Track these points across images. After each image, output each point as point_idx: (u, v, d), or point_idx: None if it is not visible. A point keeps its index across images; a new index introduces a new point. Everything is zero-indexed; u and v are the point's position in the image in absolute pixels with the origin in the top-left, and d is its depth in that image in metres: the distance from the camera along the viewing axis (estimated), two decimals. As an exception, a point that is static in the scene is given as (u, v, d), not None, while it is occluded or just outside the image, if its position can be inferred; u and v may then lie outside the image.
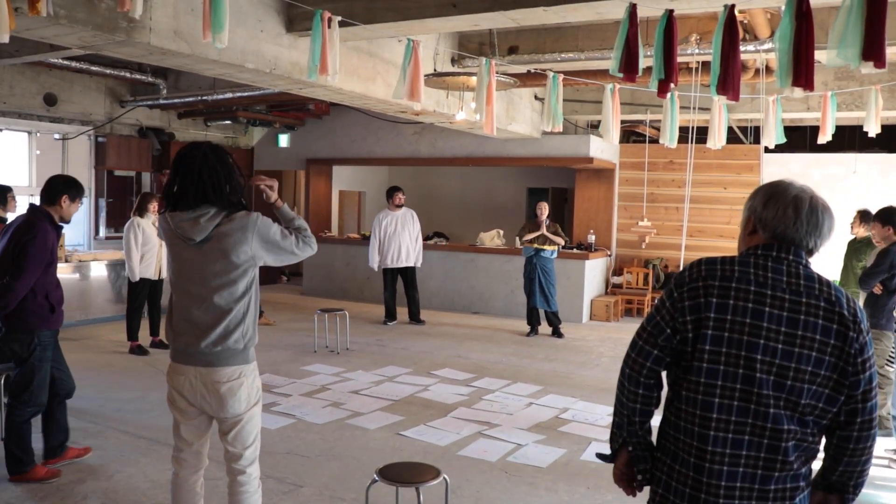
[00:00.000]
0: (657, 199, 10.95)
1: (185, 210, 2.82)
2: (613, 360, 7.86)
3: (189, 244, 2.83)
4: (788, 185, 1.86)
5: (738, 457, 1.74)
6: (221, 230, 2.81)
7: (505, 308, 10.55)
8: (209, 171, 2.82)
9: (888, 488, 4.55)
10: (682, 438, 1.81)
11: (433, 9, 5.27)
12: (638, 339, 1.89)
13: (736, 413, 1.74)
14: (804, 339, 1.74)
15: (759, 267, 1.79)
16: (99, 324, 9.09)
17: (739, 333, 1.74)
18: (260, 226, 2.84)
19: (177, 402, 2.92)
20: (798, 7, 4.16)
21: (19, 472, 4.14)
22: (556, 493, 4.25)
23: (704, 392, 1.77)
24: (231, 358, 2.84)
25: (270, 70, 5.82)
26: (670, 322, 1.82)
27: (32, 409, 4.15)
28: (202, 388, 2.84)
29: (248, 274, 2.87)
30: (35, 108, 9.61)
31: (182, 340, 2.88)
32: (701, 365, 1.77)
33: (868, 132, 6.54)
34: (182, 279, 2.89)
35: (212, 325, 2.81)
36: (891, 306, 5.39)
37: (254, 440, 2.96)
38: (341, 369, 7.05)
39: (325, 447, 4.90)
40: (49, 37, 4.87)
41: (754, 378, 1.73)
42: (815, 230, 1.82)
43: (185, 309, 2.88)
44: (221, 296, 2.82)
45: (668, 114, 6.84)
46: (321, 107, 10.95)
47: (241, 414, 2.88)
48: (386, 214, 9.50)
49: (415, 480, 3.09)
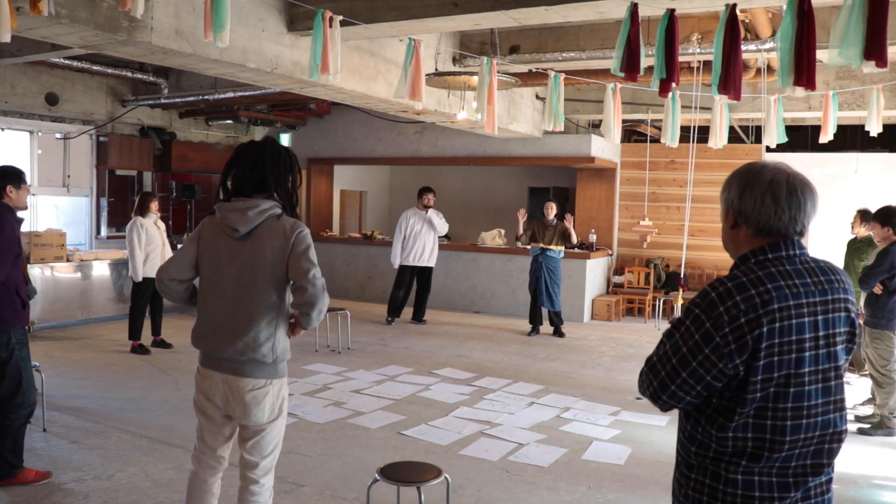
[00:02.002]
0: (658, 199, 10.95)
1: (238, 199, 2.74)
2: (615, 360, 7.86)
3: (232, 237, 2.73)
4: (761, 170, 1.78)
5: (786, 469, 1.70)
6: (268, 228, 2.70)
7: (506, 307, 10.56)
8: (274, 159, 2.74)
9: (888, 488, 4.55)
10: (728, 459, 1.72)
11: (434, 8, 5.27)
12: (664, 374, 1.73)
13: (790, 433, 1.68)
14: (837, 336, 1.73)
15: (785, 276, 1.70)
16: (100, 323, 9.10)
17: (789, 353, 1.67)
18: (299, 238, 2.71)
19: (204, 407, 2.84)
20: (799, 6, 4.16)
21: (9, 475, 4.03)
22: (558, 492, 4.25)
23: (756, 416, 1.69)
24: (258, 370, 2.74)
25: (272, 69, 5.82)
26: (711, 370, 1.68)
27: (27, 409, 4.08)
28: (228, 392, 2.76)
29: (282, 284, 2.74)
30: (36, 107, 9.62)
31: (209, 344, 2.77)
32: (755, 395, 1.67)
33: (870, 131, 6.54)
34: (215, 277, 2.77)
35: (241, 331, 2.69)
36: (891, 306, 5.38)
37: (272, 450, 2.87)
38: (343, 368, 7.06)
39: (326, 446, 4.90)
40: (50, 36, 4.87)
41: (803, 393, 1.68)
42: (800, 212, 1.73)
43: (214, 310, 2.77)
44: (253, 300, 2.70)
45: (670, 113, 6.84)
46: (322, 106, 10.95)
47: (263, 423, 2.80)
48: (414, 213, 9.57)
49: (416, 480, 3.09)
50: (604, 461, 4.76)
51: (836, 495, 4.24)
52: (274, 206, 2.75)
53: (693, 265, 10.53)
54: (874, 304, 5.45)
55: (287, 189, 2.80)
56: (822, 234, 9.59)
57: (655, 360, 1.77)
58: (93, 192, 10.57)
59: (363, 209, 14.74)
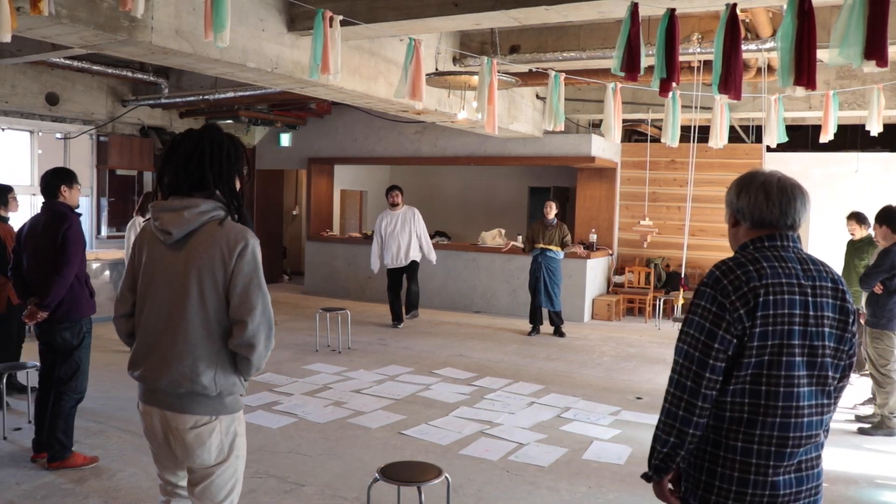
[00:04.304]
0: (659, 199, 10.95)
1: (174, 198, 2.33)
2: (615, 360, 7.86)
3: (166, 242, 2.31)
4: (755, 174, 2.04)
5: (785, 438, 1.87)
6: (208, 234, 2.28)
7: (506, 307, 10.56)
8: (214, 151, 2.33)
9: (889, 487, 4.55)
10: (727, 426, 1.91)
11: (435, 8, 5.27)
12: (702, 356, 1.88)
13: (783, 399, 1.87)
14: (824, 319, 1.92)
15: (779, 259, 1.93)
16: (100, 323, 9.06)
17: (781, 325, 1.87)
18: (245, 256, 2.26)
19: (148, 435, 2.44)
20: (800, 6, 4.16)
21: (61, 457, 4.30)
22: (558, 492, 4.25)
23: (752, 382, 1.88)
24: (199, 405, 2.29)
25: (272, 69, 5.82)
26: (735, 332, 1.87)
27: (78, 395, 4.37)
28: (168, 431, 2.33)
29: (225, 303, 2.28)
30: (37, 107, 9.62)
31: (143, 372, 2.34)
32: (750, 360, 1.87)
33: (870, 131, 6.54)
34: (149, 290, 2.35)
35: (175, 357, 2.27)
36: (890, 306, 5.38)
37: (227, 496, 2.40)
38: (343, 368, 7.06)
39: (326, 446, 4.90)
40: (51, 36, 4.87)
41: (794, 363, 1.88)
42: (790, 207, 1.96)
43: (148, 330, 2.35)
44: (189, 320, 2.26)
45: (670, 113, 6.83)
46: (323, 106, 10.95)
47: (210, 466, 2.34)
48: (386, 214, 9.35)
49: (416, 479, 3.09)
50: (604, 461, 4.76)
51: (837, 495, 4.25)
52: (216, 207, 2.32)
53: (693, 265, 10.53)
54: (874, 304, 5.46)
55: (231, 187, 2.38)
56: (823, 233, 9.60)
57: (685, 347, 1.92)
58: (93, 192, 10.58)
59: (363, 209, 14.74)
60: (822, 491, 2.00)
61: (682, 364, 1.91)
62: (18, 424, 5.12)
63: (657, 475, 2.00)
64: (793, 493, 1.89)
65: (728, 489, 1.90)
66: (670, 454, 1.95)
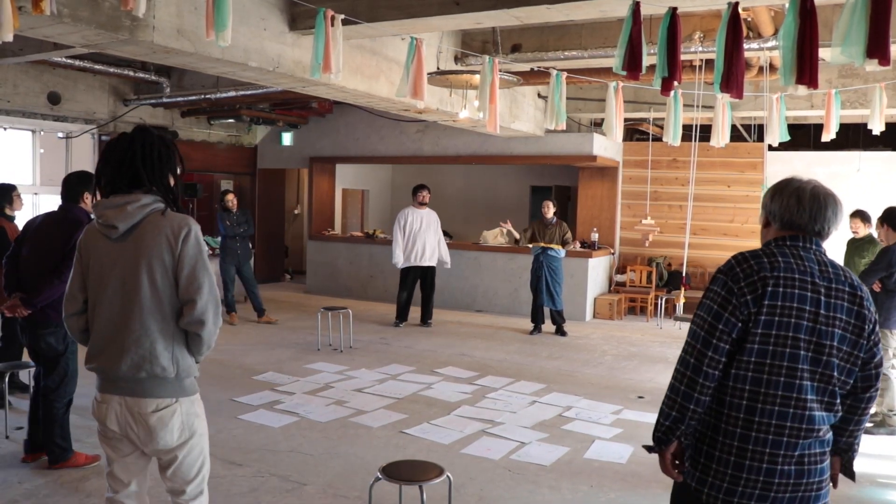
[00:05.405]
0: (660, 197, 10.94)
1: (116, 196, 2.45)
2: (616, 359, 7.86)
3: (111, 237, 2.44)
4: (791, 180, 2.14)
5: (782, 427, 1.94)
6: (151, 224, 2.42)
7: (508, 306, 10.56)
8: (145, 152, 2.45)
9: (889, 486, 4.54)
10: (727, 412, 2.00)
11: (436, 7, 5.27)
12: (707, 335, 1.99)
13: (783, 388, 1.94)
14: (835, 320, 1.98)
15: (796, 257, 2.01)
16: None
17: (788, 317, 1.94)
18: (189, 240, 2.41)
19: (106, 435, 2.51)
20: (802, 4, 4.15)
21: (63, 459, 4.32)
22: (560, 491, 4.25)
23: (754, 370, 1.96)
24: (160, 388, 2.42)
25: (273, 68, 5.82)
26: (740, 316, 1.96)
27: (68, 398, 4.36)
28: (129, 416, 2.43)
29: (175, 287, 2.43)
30: (39, 106, 9.63)
31: (99, 361, 2.46)
32: (753, 346, 1.95)
33: (872, 130, 6.53)
34: (100, 287, 2.46)
35: (133, 343, 2.39)
36: (889, 305, 5.38)
37: (197, 473, 2.57)
38: (345, 367, 7.06)
39: (328, 445, 4.90)
40: (53, 35, 4.88)
41: (798, 356, 1.94)
42: (820, 214, 2.05)
43: (103, 324, 2.45)
44: (143, 307, 2.39)
45: (672, 112, 6.82)
46: (324, 105, 10.96)
47: (173, 447, 2.47)
48: (411, 212, 9.27)
49: (418, 479, 3.09)
50: (606, 460, 4.76)
51: (838, 494, 4.24)
52: (156, 200, 2.46)
53: (695, 264, 10.52)
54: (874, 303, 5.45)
55: (165, 184, 2.50)
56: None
57: (694, 327, 2.03)
58: (95, 192, 10.57)
59: (365, 208, 14.75)
60: (828, 489, 2.02)
61: (689, 343, 2.04)
62: (20, 423, 5.13)
63: (658, 446, 2.12)
64: (790, 483, 1.95)
65: (724, 472, 1.99)
66: (671, 427, 2.06)
